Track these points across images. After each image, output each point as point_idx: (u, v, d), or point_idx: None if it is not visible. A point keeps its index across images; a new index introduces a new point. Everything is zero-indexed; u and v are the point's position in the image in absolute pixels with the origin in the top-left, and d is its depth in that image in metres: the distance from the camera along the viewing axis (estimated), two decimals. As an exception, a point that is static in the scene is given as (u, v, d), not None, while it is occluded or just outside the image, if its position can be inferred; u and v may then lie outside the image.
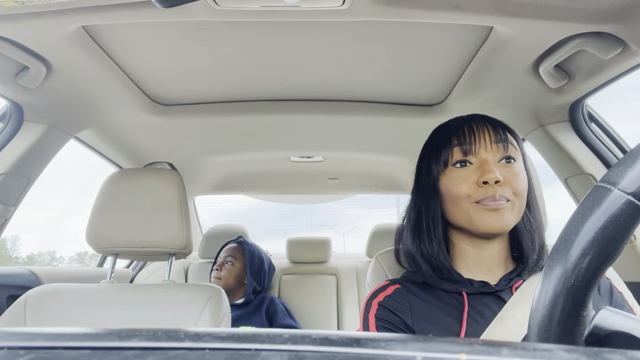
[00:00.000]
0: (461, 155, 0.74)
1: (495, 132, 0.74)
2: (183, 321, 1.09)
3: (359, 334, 0.24)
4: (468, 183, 0.72)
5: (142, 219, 1.18)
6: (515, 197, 0.71)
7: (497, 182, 0.69)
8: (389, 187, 2.45)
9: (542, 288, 0.34)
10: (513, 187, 0.71)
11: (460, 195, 0.72)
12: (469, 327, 0.69)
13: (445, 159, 0.75)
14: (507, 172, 0.71)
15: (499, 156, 0.73)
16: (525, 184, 0.73)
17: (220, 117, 1.48)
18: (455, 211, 0.74)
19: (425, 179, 0.79)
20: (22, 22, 0.88)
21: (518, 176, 0.72)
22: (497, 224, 0.69)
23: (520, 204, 0.71)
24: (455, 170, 0.74)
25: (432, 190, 0.77)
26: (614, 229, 0.32)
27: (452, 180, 0.73)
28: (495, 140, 0.73)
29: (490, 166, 0.71)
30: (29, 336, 0.25)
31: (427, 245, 0.76)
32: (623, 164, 0.33)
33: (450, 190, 0.73)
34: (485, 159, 0.72)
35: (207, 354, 0.22)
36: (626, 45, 0.91)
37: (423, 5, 0.84)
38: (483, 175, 0.70)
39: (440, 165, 0.76)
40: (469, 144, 0.73)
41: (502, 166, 0.72)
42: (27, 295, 1.13)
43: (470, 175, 0.72)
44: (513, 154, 0.73)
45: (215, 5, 0.83)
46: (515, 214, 0.71)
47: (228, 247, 2.07)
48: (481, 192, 0.70)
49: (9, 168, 1.23)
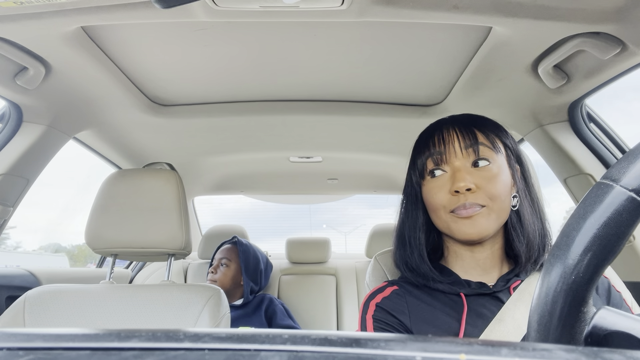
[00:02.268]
0: (433, 165, 0.75)
1: (463, 136, 0.74)
2: (182, 321, 1.09)
3: (358, 334, 0.24)
4: (443, 192, 0.72)
5: (141, 220, 1.18)
6: (491, 201, 0.70)
7: (469, 189, 0.69)
8: (388, 187, 2.45)
9: (543, 284, 0.34)
10: (487, 192, 0.70)
11: (437, 206, 0.73)
12: (468, 329, 0.69)
13: (421, 170, 0.76)
14: (480, 177, 0.70)
15: (471, 161, 0.72)
16: (504, 185, 0.71)
17: (220, 118, 1.48)
18: (436, 220, 0.75)
19: (409, 189, 0.80)
20: (21, 22, 0.88)
21: (493, 179, 0.70)
22: (472, 231, 0.69)
23: (499, 206, 0.70)
24: (431, 180, 0.75)
25: (414, 200, 0.79)
26: (616, 225, 0.32)
27: (430, 190, 0.74)
28: (464, 146, 0.73)
29: (461, 174, 0.70)
30: (28, 337, 0.25)
31: (409, 254, 0.77)
32: (625, 161, 0.33)
33: (429, 200, 0.75)
34: (457, 167, 0.72)
35: (207, 354, 0.22)
36: (625, 45, 0.92)
37: (422, 5, 0.84)
38: (454, 184, 0.70)
39: (417, 176, 0.77)
40: (439, 153, 0.74)
41: (475, 171, 0.71)
42: (27, 296, 1.13)
43: (444, 185, 0.73)
44: (487, 156, 0.72)
45: (214, 5, 0.83)
46: (493, 218, 0.70)
47: (222, 249, 2.05)
48: (454, 200, 0.71)
49: (7, 169, 1.23)
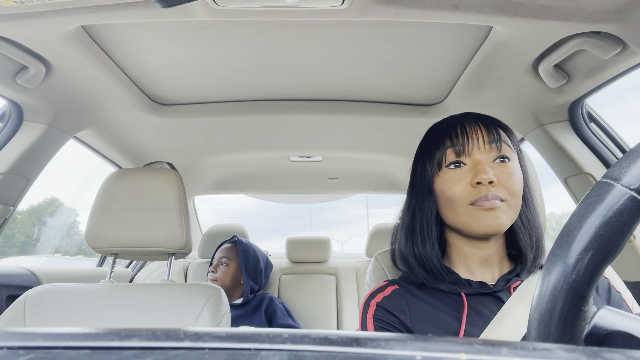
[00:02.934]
0: (454, 156, 0.74)
1: (488, 131, 0.74)
2: (182, 321, 1.09)
3: (358, 334, 0.24)
4: (462, 184, 0.72)
5: (141, 219, 1.18)
6: (510, 196, 0.70)
7: (491, 182, 0.69)
8: (389, 186, 2.45)
9: (544, 283, 0.34)
10: (507, 187, 0.70)
11: (455, 197, 0.72)
12: (468, 328, 0.69)
13: (439, 160, 0.75)
14: (501, 172, 0.71)
15: (492, 156, 0.73)
16: (521, 183, 0.73)
17: (220, 117, 1.48)
18: (450, 213, 0.74)
19: (419, 180, 0.79)
20: (22, 21, 0.88)
21: (512, 175, 0.71)
22: (492, 223, 0.69)
23: (515, 203, 0.71)
24: (449, 171, 0.74)
25: (426, 192, 0.77)
26: (617, 224, 0.31)
27: (447, 181, 0.73)
28: (488, 141, 0.73)
29: (484, 167, 0.70)
30: (29, 336, 0.25)
31: (420, 247, 0.76)
32: (626, 160, 0.33)
33: (445, 191, 0.73)
34: (479, 160, 0.72)
35: (207, 353, 0.22)
36: (625, 44, 0.92)
37: (422, 5, 0.84)
38: (476, 176, 0.70)
39: (434, 166, 0.76)
40: (462, 145, 0.73)
41: (496, 166, 0.72)
42: (27, 295, 1.13)
43: (464, 177, 0.72)
44: (507, 153, 0.73)
45: (215, 5, 0.82)
46: (511, 214, 0.71)
47: (222, 248, 2.06)
48: (475, 192, 0.70)
49: (8, 168, 1.23)
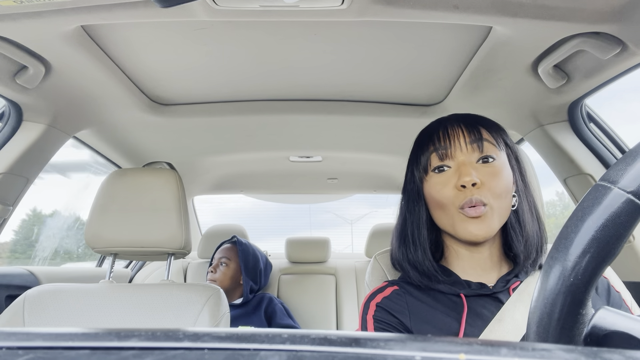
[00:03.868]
0: (438, 160, 0.74)
1: (469, 132, 0.74)
2: (182, 321, 1.09)
3: (357, 334, 0.24)
4: (448, 187, 0.72)
5: (141, 219, 1.18)
6: (493, 198, 0.70)
7: (475, 184, 0.69)
8: (388, 186, 2.45)
9: (542, 286, 0.34)
10: (491, 188, 0.70)
11: (444, 201, 0.72)
12: (468, 329, 0.69)
13: (425, 166, 0.76)
14: (485, 173, 0.71)
15: (475, 157, 0.73)
16: (507, 182, 0.72)
17: (220, 117, 1.48)
18: (441, 217, 0.74)
19: (409, 186, 0.80)
20: (21, 21, 0.88)
21: (497, 175, 0.71)
22: (479, 233, 0.69)
23: (500, 205, 0.71)
24: (435, 176, 0.74)
25: (416, 197, 0.78)
26: (614, 227, 0.32)
27: (434, 186, 0.74)
28: (469, 141, 0.73)
29: (467, 169, 0.70)
30: (28, 336, 0.25)
31: (412, 252, 0.77)
32: (623, 163, 0.33)
33: (433, 196, 0.74)
34: (462, 162, 0.72)
35: (206, 353, 0.22)
36: (625, 45, 0.92)
37: (422, 5, 0.84)
38: (460, 178, 0.70)
39: (421, 172, 0.77)
40: (444, 148, 0.74)
41: (480, 167, 0.72)
42: (26, 295, 1.13)
43: (449, 180, 0.72)
44: (491, 153, 0.73)
45: (214, 5, 0.82)
46: (497, 218, 0.70)
47: (222, 248, 2.06)
48: (461, 196, 0.70)
49: (7, 168, 1.23)
